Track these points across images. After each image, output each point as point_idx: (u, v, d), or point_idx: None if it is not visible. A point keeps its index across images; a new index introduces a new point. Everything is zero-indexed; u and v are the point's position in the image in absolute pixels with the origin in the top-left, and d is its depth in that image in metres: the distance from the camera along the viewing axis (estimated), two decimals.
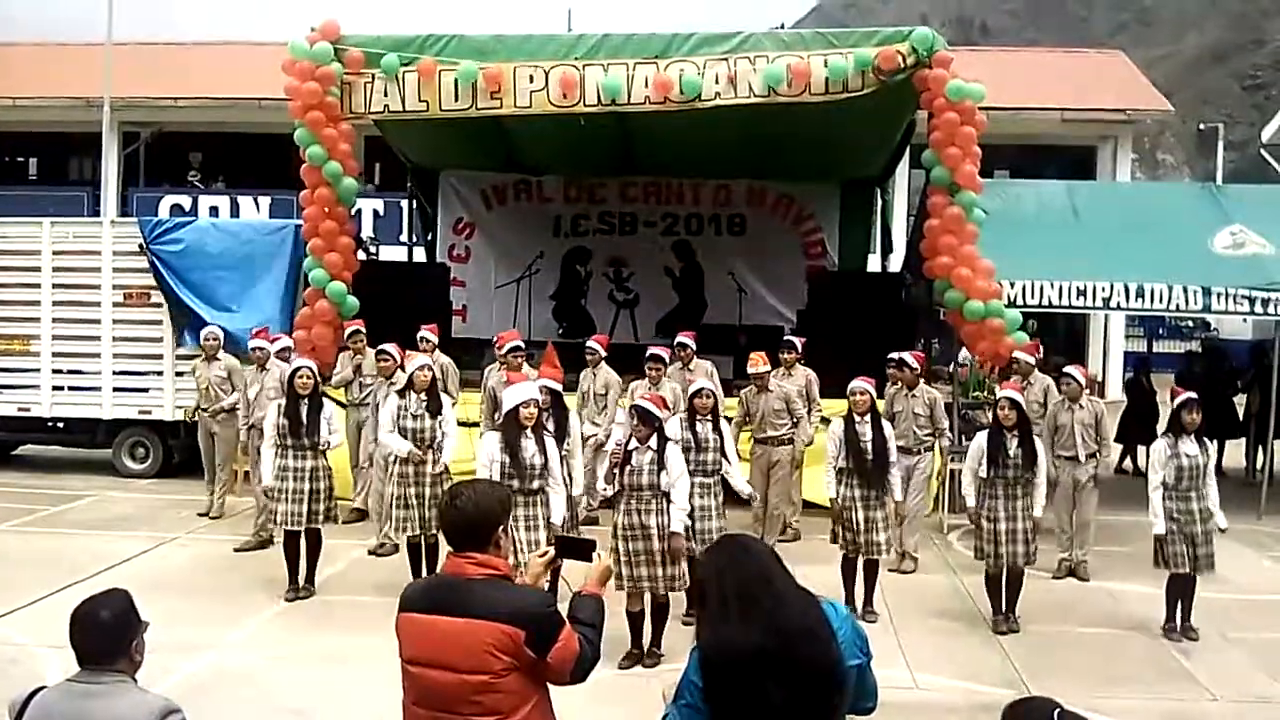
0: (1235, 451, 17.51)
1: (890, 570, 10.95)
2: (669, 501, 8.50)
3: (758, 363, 11.72)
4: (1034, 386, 12.42)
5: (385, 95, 13.65)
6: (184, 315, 15.12)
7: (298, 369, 10.43)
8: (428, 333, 12.95)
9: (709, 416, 9.59)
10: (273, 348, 12.54)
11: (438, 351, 13.00)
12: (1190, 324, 31.63)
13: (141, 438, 15.75)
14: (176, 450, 15.60)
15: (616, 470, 8.64)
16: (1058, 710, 3.29)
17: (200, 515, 13.26)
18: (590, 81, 13.23)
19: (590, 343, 13.13)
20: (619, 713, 7.50)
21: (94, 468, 15.90)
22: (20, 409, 15.80)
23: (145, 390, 15.61)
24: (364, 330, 13.26)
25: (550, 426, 9.56)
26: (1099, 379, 23.12)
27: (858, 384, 10.19)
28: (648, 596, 8.68)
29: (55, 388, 15.78)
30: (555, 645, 3.99)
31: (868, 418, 10.01)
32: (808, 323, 16.04)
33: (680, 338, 13.08)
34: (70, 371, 15.86)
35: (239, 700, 7.74)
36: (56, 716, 3.74)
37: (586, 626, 4.14)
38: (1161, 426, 10.04)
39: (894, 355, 12.32)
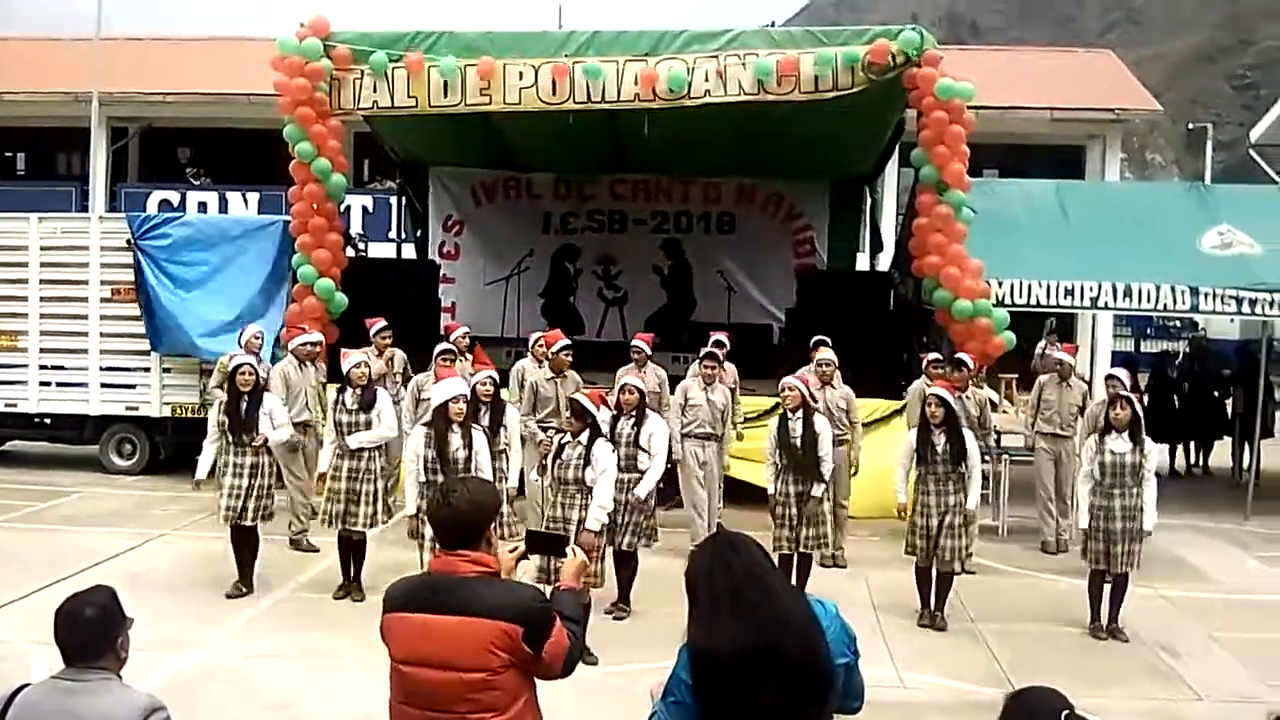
0: (1224, 452, 17.59)
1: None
2: (592, 497, 8.58)
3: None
4: (1073, 390, 12.55)
5: (374, 91, 13.64)
6: (162, 315, 15.10)
7: (239, 366, 10.37)
8: (381, 323, 12.99)
9: (631, 412, 9.65)
10: (292, 343, 12.43)
11: (391, 346, 13.06)
12: (1178, 324, 31.70)
13: (128, 434, 15.72)
14: (163, 447, 15.57)
15: (545, 463, 8.74)
16: (1066, 713, 3.26)
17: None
18: (579, 78, 13.22)
19: (636, 341, 12.96)
20: (605, 710, 7.49)
21: (81, 464, 15.86)
22: (7, 405, 15.76)
23: (132, 386, 15.57)
24: (388, 326, 13.14)
25: (485, 420, 9.66)
26: (1086, 379, 23.12)
27: (788, 380, 10.28)
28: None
29: (43, 383, 15.73)
30: (549, 640, 4.01)
31: (799, 413, 10.04)
32: (796, 321, 16.06)
33: (635, 340, 13.00)
34: (57, 367, 15.80)
35: (224, 697, 7.73)
36: (41, 714, 3.72)
37: (569, 621, 4.13)
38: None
39: (935, 357, 12.37)
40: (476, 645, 3.91)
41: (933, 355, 12.62)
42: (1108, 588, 9.56)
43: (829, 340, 12.49)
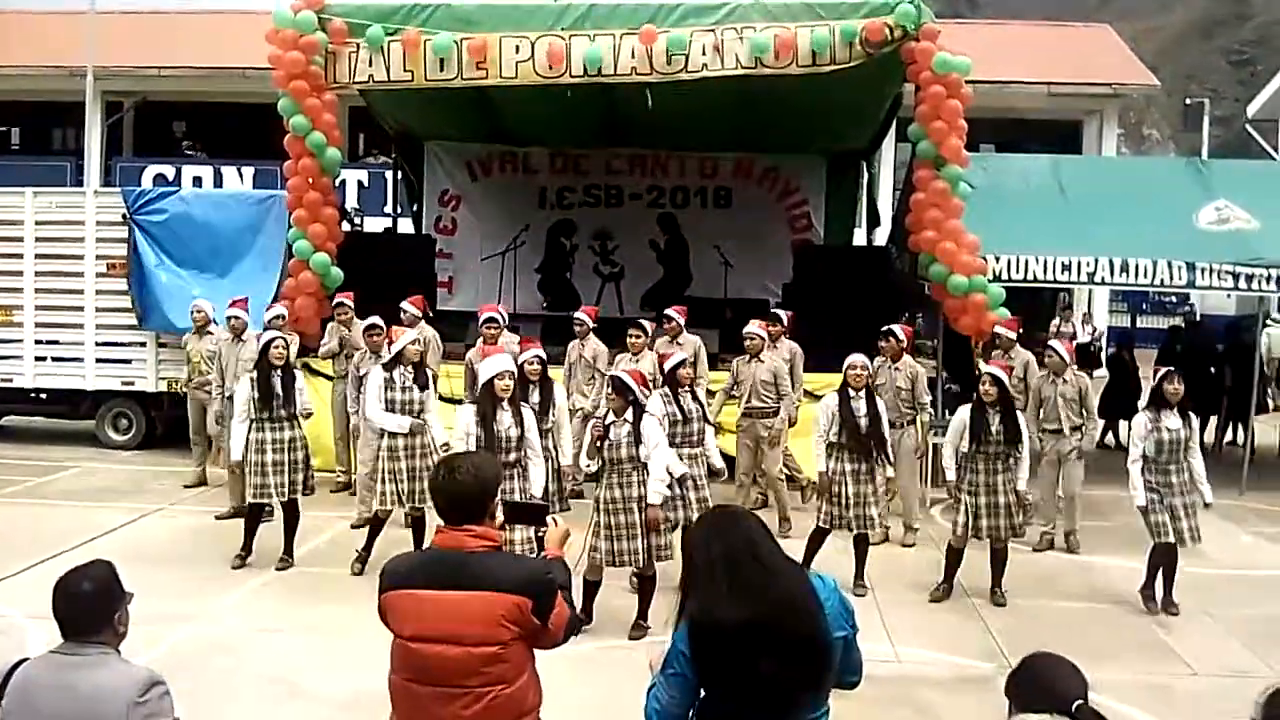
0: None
1: (903, 545, 11.20)
2: (649, 473, 8.52)
3: (752, 331, 11.75)
4: (1015, 361, 12.42)
5: (370, 65, 13.58)
6: (155, 291, 15.12)
7: (272, 340, 10.34)
8: (410, 306, 12.94)
9: (688, 388, 9.65)
10: (267, 316, 12.44)
11: (422, 323, 12.97)
12: (1174, 299, 31.73)
13: (124, 409, 15.70)
14: (159, 422, 15.55)
15: (597, 445, 8.64)
16: (1079, 704, 3.25)
17: (186, 487, 13.24)
18: (576, 52, 13.16)
19: (578, 314, 13.09)
20: (605, 683, 7.52)
21: (77, 439, 15.86)
22: (3, 380, 15.74)
23: (128, 362, 15.56)
24: (350, 302, 13.24)
25: (535, 398, 9.59)
26: (1097, 339, 23.12)
27: (856, 358, 10.10)
28: (627, 571, 8.68)
29: (38, 359, 15.70)
30: (554, 610, 4.07)
31: (863, 392, 9.97)
32: (793, 296, 16.05)
33: (668, 311, 13.05)
34: (53, 342, 15.79)
35: (223, 671, 7.75)
36: (40, 688, 3.73)
37: (562, 589, 4.18)
38: (1144, 401, 10.06)
39: (885, 328, 12.34)
40: (488, 619, 3.94)
41: (885, 328, 12.38)
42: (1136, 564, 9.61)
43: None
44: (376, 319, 11.95)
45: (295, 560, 10.35)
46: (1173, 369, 9.64)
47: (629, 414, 8.56)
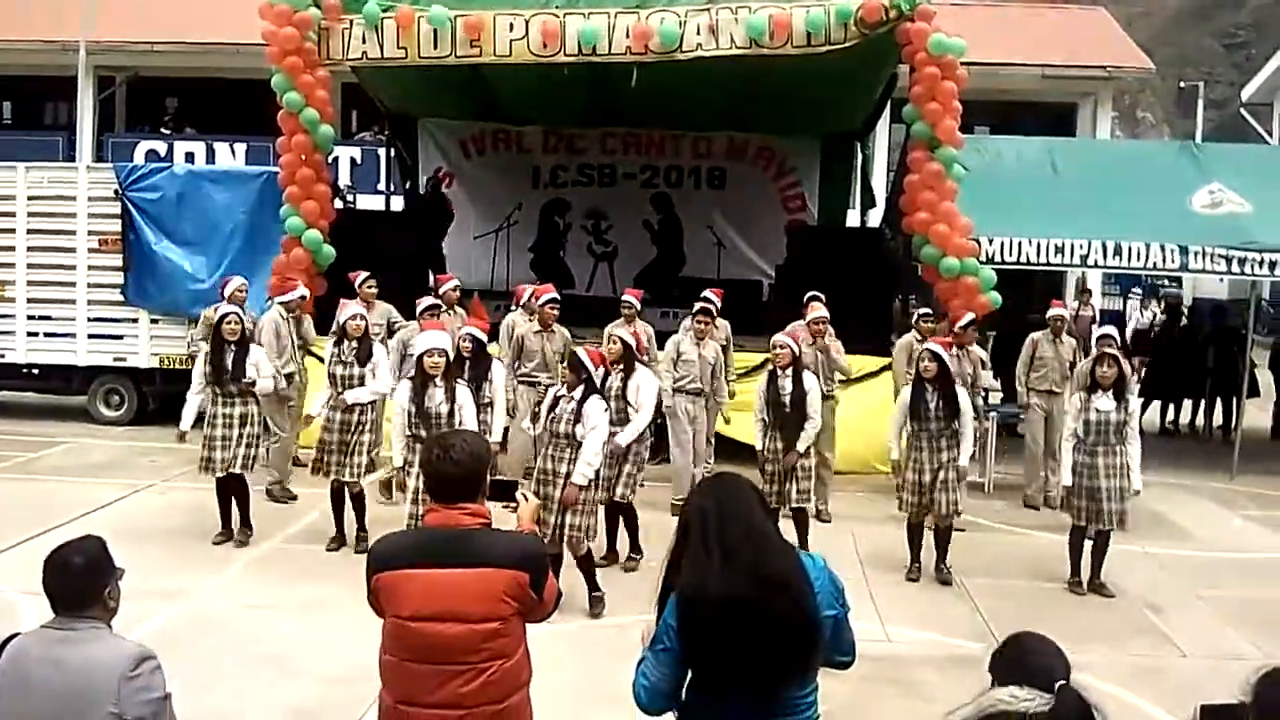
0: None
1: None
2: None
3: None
4: (1065, 346, 12.64)
5: (364, 42, 13.54)
6: (146, 267, 15.09)
7: (225, 315, 10.34)
8: (449, 285, 13.01)
9: (619, 365, 9.68)
10: (288, 296, 12.38)
11: (378, 300, 12.94)
12: (1166, 282, 31.75)
13: (116, 385, 15.70)
14: (151, 397, 15.55)
15: (536, 412, 8.72)
16: (1061, 685, 3.24)
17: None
18: (570, 30, 13.13)
19: (626, 296, 12.81)
20: (595, 660, 7.54)
21: (69, 414, 15.83)
22: None
23: (120, 337, 15.55)
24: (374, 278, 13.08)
25: (467, 375, 9.69)
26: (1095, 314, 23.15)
27: (779, 337, 10.28)
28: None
29: (30, 334, 15.69)
30: (547, 584, 4.15)
31: (789, 371, 10.06)
32: (786, 277, 16.04)
33: (625, 297, 12.83)
34: (45, 318, 15.77)
35: (215, 648, 7.75)
36: (31, 662, 3.73)
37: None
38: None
39: (926, 311, 12.42)
40: (490, 595, 3.99)
41: (923, 310, 12.63)
42: (1088, 544, 9.62)
43: (822, 296, 12.47)
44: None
45: (282, 538, 10.42)
46: (1110, 353, 9.65)
47: (578, 391, 8.60)
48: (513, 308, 13.12)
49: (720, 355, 12.13)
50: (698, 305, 12.10)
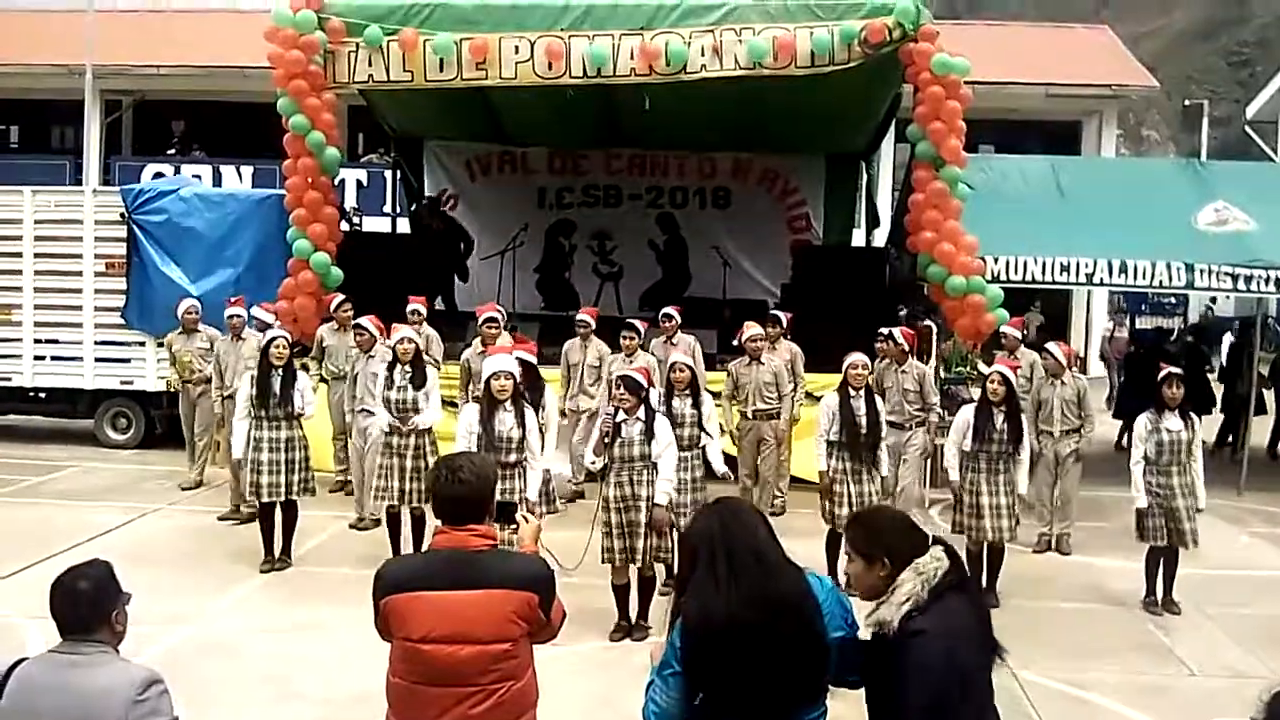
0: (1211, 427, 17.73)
1: None
2: (658, 473, 8.49)
3: (755, 334, 11.77)
4: (1020, 361, 12.43)
5: (369, 65, 13.57)
6: (150, 289, 15.15)
7: (273, 339, 10.36)
8: (417, 305, 12.94)
9: (686, 390, 9.58)
10: (266, 317, 12.43)
11: (425, 324, 13.00)
12: (1173, 300, 31.76)
13: (123, 408, 15.71)
14: (159, 421, 15.55)
15: (606, 442, 8.61)
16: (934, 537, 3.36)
17: (183, 489, 13.21)
18: (576, 52, 13.16)
19: (581, 315, 13.06)
20: (605, 682, 7.54)
21: (76, 438, 15.86)
22: (2, 379, 15.76)
23: (127, 361, 15.58)
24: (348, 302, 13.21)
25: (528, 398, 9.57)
26: (1080, 355, 23.17)
27: (856, 357, 10.08)
28: (633, 569, 8.66)
29: (37, 358, 15.72)
30: (554, 605, 4.19)
31: (862, 392, 9.96)
32: (792, 297, 16.05)
33: (666, 310, 13.07)
34: (52, 341, 15.80)
35: (221, 671, 7.75)
36: (39, 687, 3.74)
37: None
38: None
39: (883, 330, 12.31)
40: (500, 616, 4.01)
41: (883, 329, 12.40)
42: (1137, 565, 9.59)
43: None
44: (365, 320, 11.85)
45: (294, 560, 10.37)
46: (1176, 373, 9.62)
47: (641, 412, 8.51)
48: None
49: (783, 373, 12.10)
50: (748, 329, 12.18)
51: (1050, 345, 12.09)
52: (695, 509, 9.08)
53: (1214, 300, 27.73)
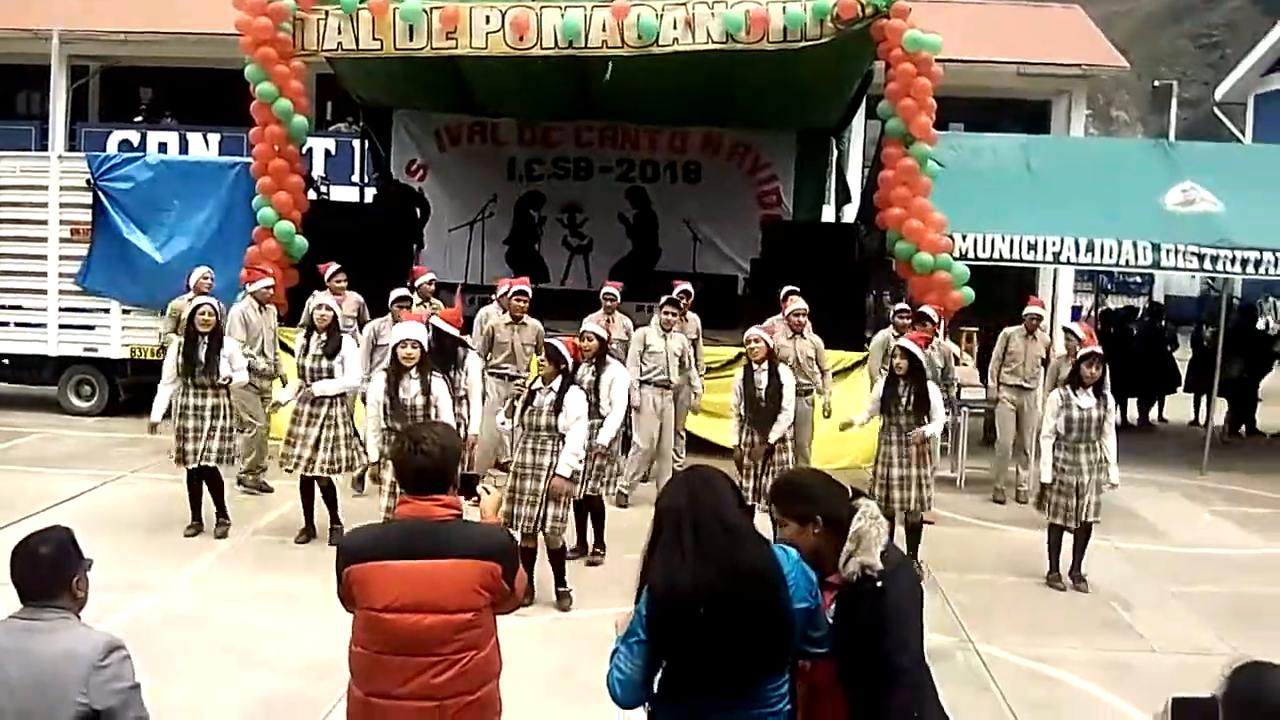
0: (1176, 405, 17.89)
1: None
2: (564, 443, 8.51)
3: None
4: (1037, 342, 12.75)
5: (339, 33, 13.48)
6: (114, 257, 15.06)
7: (199, 305, 10.32)
8: (431, 275, 13.17)
9: (591, 359, 9.65)
10: (254, 285, 12.32)
11: (349, 291, 12.95)
12: (1138, 279, 31.93)
13: (87, 375, 15.62)
14: (122, 388, 15.47)
15: (517, 407, 8.68)
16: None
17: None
18: (547, 23, 13.09)
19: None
20: (569, 653, 7.54)
21: (40, 405, 15.75)
22: None
23: (91, 328, 15.47)
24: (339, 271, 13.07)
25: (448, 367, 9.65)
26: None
27: (753, 331, 10.33)
28: (541, 538, 8.65)
29: (1, 324, 15.60)
30: (517, 575, 4.21)
31: (764, 365, 10.11)
32: (761, 272, 16.06)
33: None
34: (15, 307, 15.68)
35: (184, 640, 7.71)
36: (0, 652, 3.72)
37: None
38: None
39: (903, 307, 12.41)
40: (464, 586, 4.02)
41: (900, 306, 12.66)
42: (1068, 540, 9.64)
43: (799, 290, 12.54)
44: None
45: (252, 531, 10.40)
46: (1097, 353, 9.66)
47: (556, 382, 8.57)
48: (492, 299, 13.08)
49: (688, 348, 12.17)
50: (665, 298, 12.23)
51: (1072, 325, 12.30)
52: (597, 476, 9.53)
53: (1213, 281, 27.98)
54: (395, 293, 12.10)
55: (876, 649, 3.73)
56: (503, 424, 9.18)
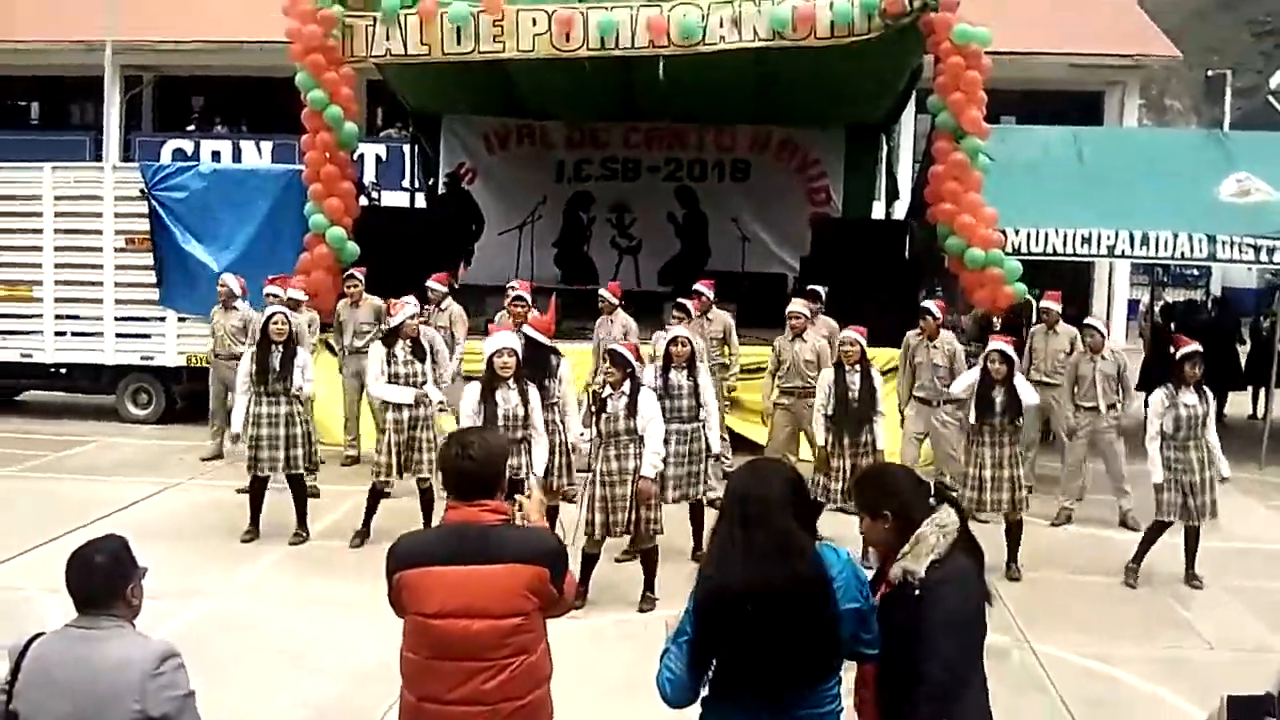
0: (1240, 401, 17.65)
1: None
2: (644, 446, 8.52)
3: (795, 310, 11.73)
4: (1060, 337, 12.47)
5: (387, 39, 13.54)
6: (175, 267, 15.19)
7: (272, 314, 10.38)
8: (436, 284, 12.99)
9: (684, 364, 9.63)
10: (289, 293, 12.41)
11: (449, 300, 13.04)
12: (1194, 272, 31.57)
13: (144, 383, 15.76)
14: (179, 396, 15.61)
15: (593, 416, 8.69)
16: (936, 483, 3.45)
17: (204, 460, 13.28)
18: (593, 24, 13.10)
19: (602, 291, 12.95)
20: (621, 654, 7.54)
21: (97, 413, 15.91)
22: (23, 355, 15.78)
23: (148, 336, 15.59)
24: (360, 276, 13.14)
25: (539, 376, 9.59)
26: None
27: (848, 334, 10.24)
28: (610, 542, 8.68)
29: (58, 333, 15.74)
30: (566, 578, 4.22)
31: (858, 367, 10.03)
32: (811, 270, 15.97)
33: (697, 286, 12.97)
34: (72, 317, 15.82)
35: (238, 646, 7.78)
36: (55, 661, 3.75)
37: None
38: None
39: (922, 304, 12.32)
40: (513, 591, 4.03)
41: (924, 304, 12.39)
42: (1166, 537, 9.58)
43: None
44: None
45: (310, 534, 10.43)
46: (1198, 350, 9.61)
47: (626, 386, 8.57)
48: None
49: (705, 347, 11.97)
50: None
51: (1091, 320, 12.11)
52: (694, 481, 9.35)
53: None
54: (399, 307, 11.14)
55: (909, 655, 3.70)
56: (580, 434, 9.21)
